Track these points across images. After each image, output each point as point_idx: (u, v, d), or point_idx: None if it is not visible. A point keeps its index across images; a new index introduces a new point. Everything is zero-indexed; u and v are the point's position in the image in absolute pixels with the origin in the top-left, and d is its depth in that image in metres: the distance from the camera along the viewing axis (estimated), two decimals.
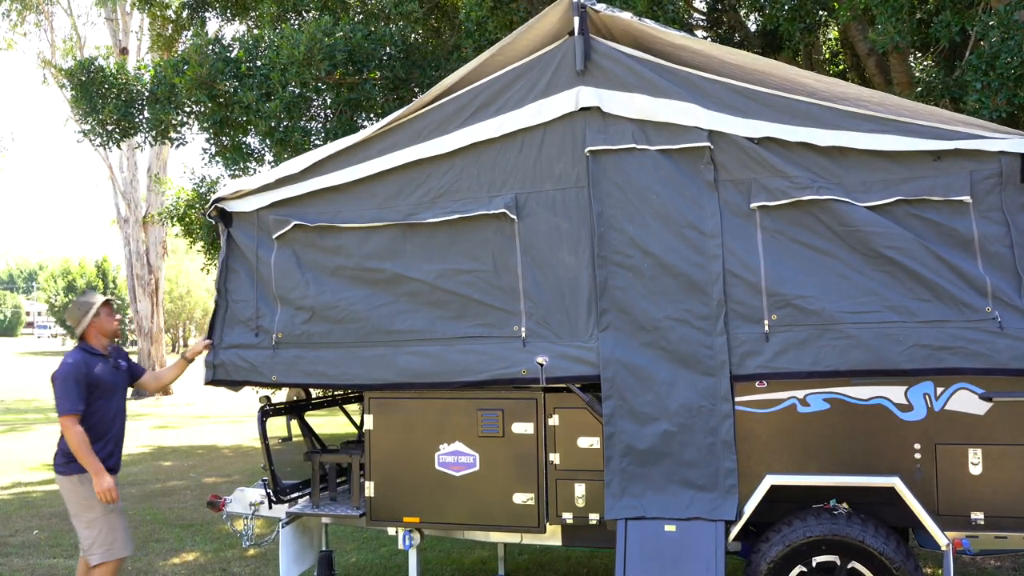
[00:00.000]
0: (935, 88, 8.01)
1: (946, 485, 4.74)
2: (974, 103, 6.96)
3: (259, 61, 10.35)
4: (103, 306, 5.62)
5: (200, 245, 13.27)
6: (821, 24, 9.53)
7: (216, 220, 6.03)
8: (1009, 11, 6.89)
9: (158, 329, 28.76)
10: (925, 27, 8.32)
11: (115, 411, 5.61)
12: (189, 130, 11.69)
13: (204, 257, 13.67)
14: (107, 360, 5.62)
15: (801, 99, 4.93)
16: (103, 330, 5.64)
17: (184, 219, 13.19)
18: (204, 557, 8.02)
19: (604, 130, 5.18)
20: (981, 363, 4.61)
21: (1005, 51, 6.78)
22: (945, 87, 7.91)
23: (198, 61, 10.19)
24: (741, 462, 4.98)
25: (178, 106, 10.82)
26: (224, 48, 10.62)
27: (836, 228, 4.85)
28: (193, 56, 10.25)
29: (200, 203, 12.96)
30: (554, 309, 5.26)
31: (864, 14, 8.79)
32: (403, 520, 5.57)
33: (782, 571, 4.77)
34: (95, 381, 5.47)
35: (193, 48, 10.39)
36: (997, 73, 6.81)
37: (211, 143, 11.89)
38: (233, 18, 13.56)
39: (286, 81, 9.89)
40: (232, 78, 10.31)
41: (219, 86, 10.35)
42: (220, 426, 20.13)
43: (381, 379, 5.52)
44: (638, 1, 8.29)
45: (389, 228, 5.58)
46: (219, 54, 10.42)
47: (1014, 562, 7.26)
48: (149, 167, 28.85)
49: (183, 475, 12.94)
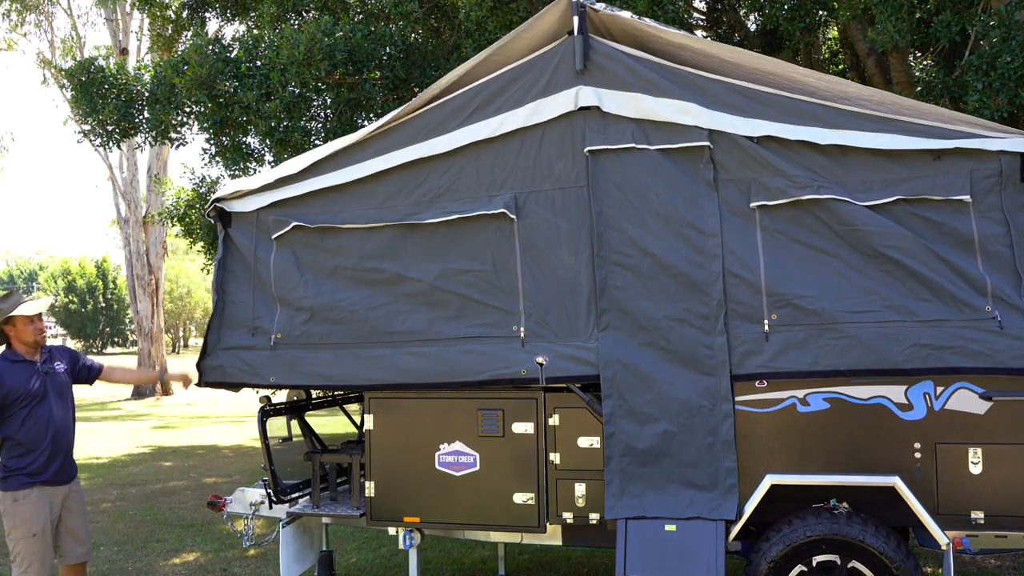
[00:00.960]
0: (935, 88, 8.01)
1: (946, 484, 4.73)
2: (975, 103, 6.96)
3: (259, 61, 10.35)
4: (19, 317, 5.29)
5: (200, 245, 13.28)
6: (821, 24, 9.53)
7: (215, 220, 6.02)
8: (1010, 11, 6.89)
9: (158, 329, 28.75)
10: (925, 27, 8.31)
11: (48, 419, 5.28)
12: (189, 130, 11.69)
13: (204, 257, 13.68)
14: (33, 365, 5.32)
15: (801, 98, 4.92)
16: (21, 339, 5.33)
17: (184, 219, 13.19)
18: (204, 557, 8.02)
19: (604, 130, 5.18)
20: (981, 362, 4.60)
21: (1006, 51, 6.78)
22: (945, 87, 7.90)
23: (198, 61, 10.19)
24: (741, 462, 4.97)
25: (178, 106, 10.82)
26: (224, 48, 10.62)
27: (836, 227, 4.85)
28: (193, 56, 10.25)
29: (200, 203, 12.97)
30: (554, 309, 5.26)
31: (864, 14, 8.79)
32: (403, 520, 5.56)
33: (782, 570, 4.77)
34: (12, 391, 5.17)
35: (193, 48, 10.38)
36: (998, 73, 6.80)
37: (211, 143, 11.89)
38: (233, 18, 13.56)
39: (286, 81, 9.89)
40: (232, 78, 10.31)
41: (219, 86, 10.35)
42: (221, 426, 20.13)
43: (381, 380, 5.51)
44: (638, 1, 8.29)
45: (388, 228, 5.57)
46: (219, 54, 10.42)
47: (1014, 561, 7.25)
48: (149, 167, 28.84)
49: (183, 475, 12.94)
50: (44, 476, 5.27)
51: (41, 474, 5.26)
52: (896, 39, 7.41)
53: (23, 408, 5.22)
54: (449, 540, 8.22)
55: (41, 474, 5.26)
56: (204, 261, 13.78)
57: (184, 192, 13.49)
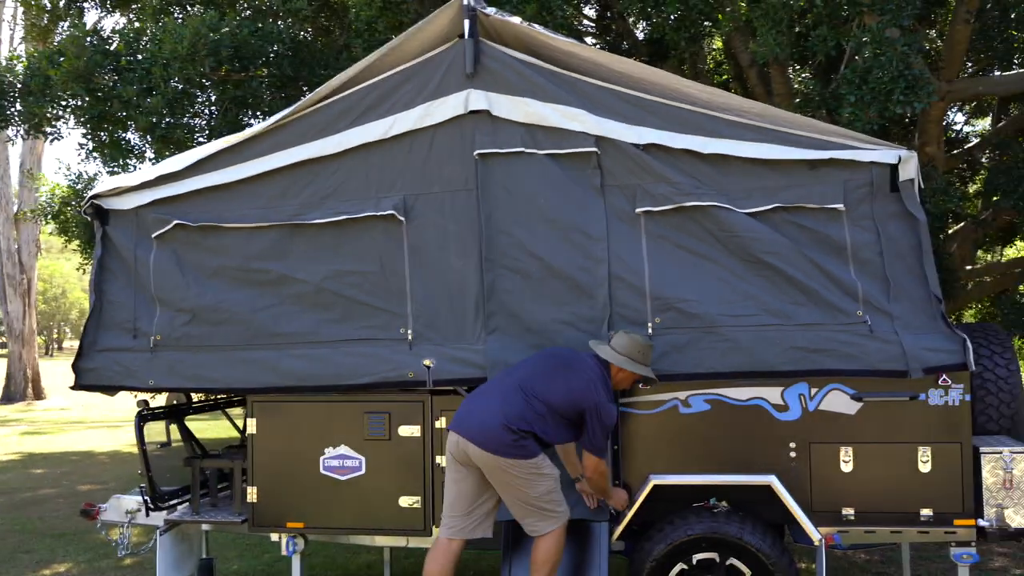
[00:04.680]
0: (812, 100, 8.31)
1: (819, 482, 4.92)
2: (848, 115, 7.24)
3: (140, 55, 10.04)
4: None
5: (76, 244, 12.85)
6: (706, 34, 9.77)
7: (92, 217, 5.81)
8: (881, 28, 7.20)
9: (30, 331, 27.56)
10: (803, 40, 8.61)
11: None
12: (65, 124, 11.28)
13: (80, 256, 13.22)
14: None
15: (685, 107, 5.04)
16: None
17: (59, 217, 12.75)
18: (77, 568, 7.73)
19: (493, 133, 5.20)
20: (853, 365, 4.80)
21: (877, 66, 7.08)
22: (822, 99, 8.21)
23: (75, 53, 9.82)
24: (626, 463, 5.06)
25: (53, 99, 10.40)
26: (103, 40, 10.26)
27: (717, 233, 4.98)
28: (69, 47, 9.87)
29: (77, 200, 12.54)
30: (441, 312, 5.25)
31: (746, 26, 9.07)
32: (287, 526, 5.48)
33: (664, 569, 4.86)
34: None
35: (69, 39, 10.01)
36: (870, 87, 7.10)
37: (88, 138, 11.48)
38: (113, 10, 13.12)
39: (168, 76, 9.62)
40: (111, 71, 9.97)
41: (97, 79, 9.99)
42: (96, 431, 19.42)
43: (265, 383, 5.41)
44: (527, 6, 8.36)
45: (275, 228, 5.48)
46: (97, 46, 10.06)
47: (883, 555, 7.58)
48: (22, 162, 27.65)
49: (55, 483, 12.44)
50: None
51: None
52: (776, 52, 7.66)
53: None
54: (334, 545, 8.12)
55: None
56: (80, 260, 13.33)
57: (59, 188, 13.04)
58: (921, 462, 4.84)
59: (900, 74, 7.00)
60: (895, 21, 7.21)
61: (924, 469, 4.84)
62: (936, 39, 11.49)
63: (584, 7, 12.19)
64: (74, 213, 12.37)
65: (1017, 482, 4.80)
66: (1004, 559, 7.42)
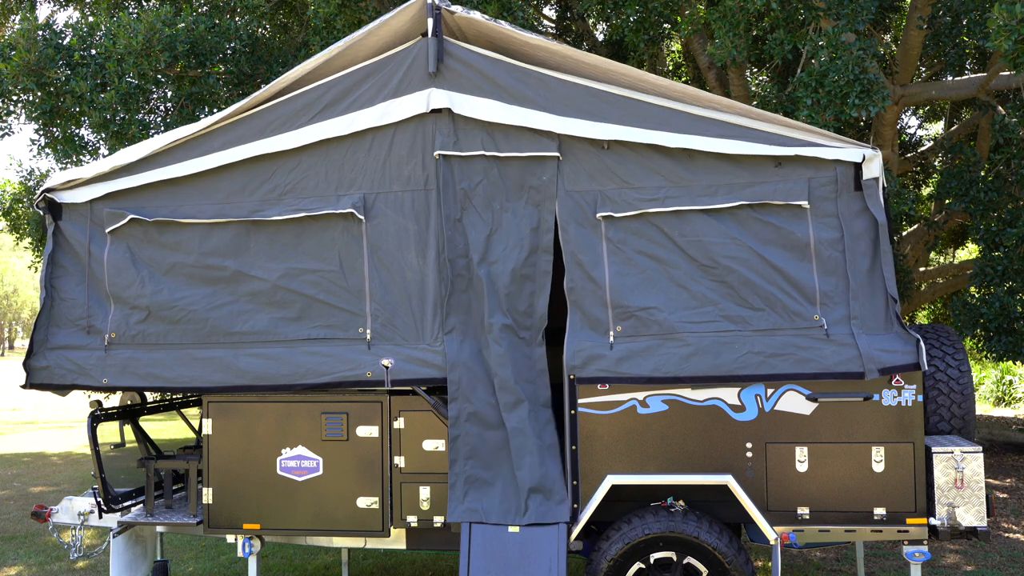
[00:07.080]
0: (770, 102, 8.40)
1: (775, 482, 4.96)
2: (804, 118, 7.33)
3: (94, 49, 9.90)
4: None
5: (28, 241, 12.64)
6: (665, 36, 9.84)
7: (44, 211, 5.69)
8: (837, 32, 7.29)
9: None
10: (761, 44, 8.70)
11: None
12: (16, 119, 11.08)
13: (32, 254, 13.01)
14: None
15: (651, 101, 5.03)
16: None
17: (10, 214, 12.52)
18: (28, 571, 7.59)
19: (454, 133, 5.18)
20: (809, 368, 4.85)
21: (833, 70, 7.17)
22: (779, 101, 8.30)
23: (26, 47, 9.65)
24: (583, 463, 5.06)
25: (3, 93, 10.22)
26: (56, 34, 10.10)
27: (678, 239, 5.00)
28: (20, 41, 9.70)
29: (28, 197, 12.33)
30: (400, 311, 5.23)
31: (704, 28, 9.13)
32: (243, 527, 5.41)
33: (622, 568, 4.88)
34: None
35: (20, 32, 9.83)
36: (826, 91, 7.19)
37: (40, 134, 11.30)
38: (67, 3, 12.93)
39: (123, 72, 9.49)
40: (64, 66, 9.82)
41: (49, 74, 9.83)
42: (49, 432, 19.08)
43: (220, 382, 5.35)
44: (488, 7, 8.35)
45: (232, 225, 5.41)
46: (49, 40, 9.90)
47: (837, 553, 7.67)
48: None
49: (6, 484, 12.21)
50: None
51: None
52: (734, 54, 7.73)
53: None
54: (291, 546, 8.05)
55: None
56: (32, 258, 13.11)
57: (10, 185, 12.80)
58: (875, 462, 4.90)
59: (855, 78, 7.10)
60: (850, 26, 7.30)
61: (877, 469, 4.90)
62: (891, 44, 11.66)
63: (544, 8, 12.20)
64: (25, 210, 12.16)
65: (968, 481, 4.88)
66: (956, 556, 7.55)
